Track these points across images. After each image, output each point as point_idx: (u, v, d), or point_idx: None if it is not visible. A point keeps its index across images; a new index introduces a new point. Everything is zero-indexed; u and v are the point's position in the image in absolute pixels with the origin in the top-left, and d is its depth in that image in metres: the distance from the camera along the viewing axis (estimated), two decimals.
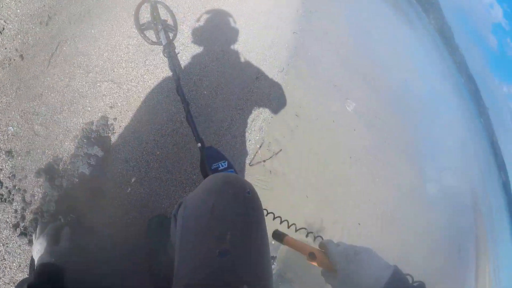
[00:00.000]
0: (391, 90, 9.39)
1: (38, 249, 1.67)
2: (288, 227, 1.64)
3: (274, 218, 1.68)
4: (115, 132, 2.59)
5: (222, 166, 2.05)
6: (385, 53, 11.36)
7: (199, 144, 2.31)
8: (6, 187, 1.98)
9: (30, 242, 1.93)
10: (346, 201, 5.03)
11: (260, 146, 3.79)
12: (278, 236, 1.42)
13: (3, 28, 2.32)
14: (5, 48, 2.27)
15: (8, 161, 2.04)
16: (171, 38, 3.33)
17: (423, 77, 16.14)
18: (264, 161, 3.74)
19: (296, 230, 1.65)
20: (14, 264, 1.92)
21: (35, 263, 1.63)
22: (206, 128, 3.24)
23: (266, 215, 1.35)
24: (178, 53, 3.38)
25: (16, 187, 2.01)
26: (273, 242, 3.17)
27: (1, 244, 1.90)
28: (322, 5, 7.63)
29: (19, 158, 2.09)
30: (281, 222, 1.68)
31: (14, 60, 2.28)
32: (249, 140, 3.68)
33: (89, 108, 2.51)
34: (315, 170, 4.58)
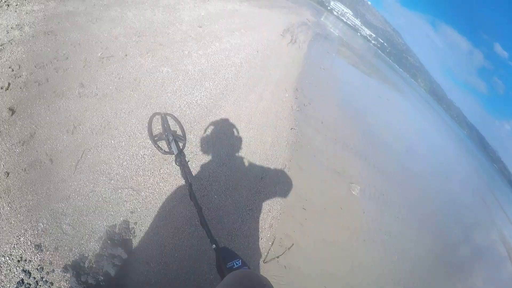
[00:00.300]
0: (395, 165, 9.56)
1: None
2: None
3: None
4: (136, 235, 2.69)
5: (237, 264, 2.08)
6: (383, 128, 11.97)
7: (214, 245, 2.37)
8: (34, 278, 1.99)
9: None
10: (369, 286, 4.72)
11: (272, 243, 3.77)
12: None
13: (35, 133, 2.64)
14: (37, 152, 2.55)
15: (37, 254, 2.10)
16: (181, 147, 3.61)
17: (425, 142, 16.58)
18: (277, 257, 3.68)
19: None
20: None
21: None
22: (219, 230, 3.32)
23: None
24: (188, 161, 3.62)
25: (44, 279, 2.02)
26: None
27: None
28: (314, 97, 8.45)
29: (47, 252, 2.15)
30: None
31: (45, 163, 2.53)
32: (261, 238, 3.70)
33: (112, 213, 2.65)
34: (331, 259, 4.43)
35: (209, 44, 6.42)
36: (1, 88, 2.88)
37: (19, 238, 2.10)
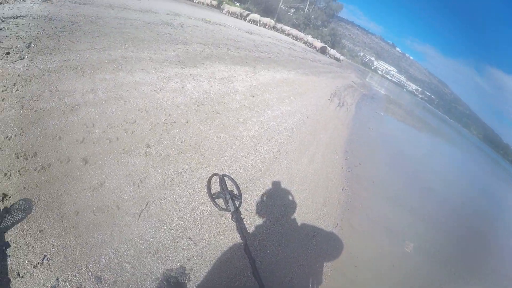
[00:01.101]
0: (451, 220, 8.65)
1: None
2: None
3: None
4: (191, 280, 2.68)
5: None
6: (436, 182, 11.15)
7: None
8: None
9: None
10: None
11: None
12: None
13: (104, 182, 2.90)
14: (105, 197, 2.79)
15: (97, 285, 2.19)
16: (237, 205, 3.61)
17: (483, 194, 14.99)
18: None
19: None
20: None
21: None
22: (271, 282, 3.25)
23: None
24: (244, 218, 3.62)
25: None
26: None
27: None
28: (363, 157, 8.26)
29: (106, 285, 2.23)
30: None
31: (112, 208, 2.74)
32: None
33: (170, 258, 2.70)
34: None
35: (261, 112, 6.73)
36: (77, 141, 3.24)
37: (81, 268, 2.21)
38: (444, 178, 13.22)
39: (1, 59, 4.11)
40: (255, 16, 33.76)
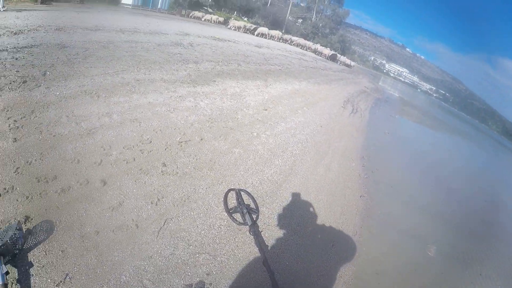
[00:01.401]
0: (474, 219, 8.36)
1: None
2: None
3: None
4: None
5: None
6: (456, 182, 10.81)
7: None
8: None
9: None
10: None
11: None
12: None
13: (123, 202, 3.02)
14: (124, 217, 2.88)
15: None
16: (254, 219, 3.64)
17: (507, 191, 14.44)
18: None
19: None
20: None
21: None
22: None
23: None
24: (262, 231, 3.64)
25: None
26: None
27: None
28: (381, 162, 8.14)
29: None
30: None
31: (131, 227, 2.82)
32: None
33: (189, 273, 2.73)
34: None
35: (275, 124, 6.79)
36: (95, 163, 3.38)
37: (103, 286, 2.27)
38: (465, 177, 12.89)
39: (19, 88, 4.33)
40: (263, 29, 34.16)
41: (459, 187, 10.82)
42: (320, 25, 58.94)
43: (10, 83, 4.41)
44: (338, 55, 39.87)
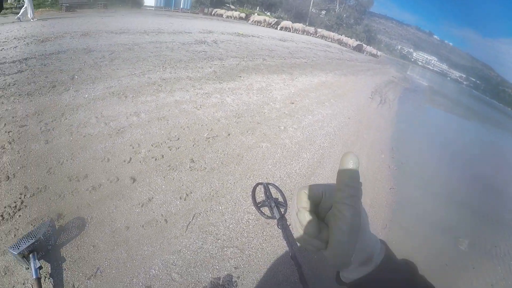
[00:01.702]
0: (508, 212, 7.95)
1: None
2: None
3: None
4: None
5: None
6: (490, 174, 10.25)
7: None
8: None
9: None
10: None
11: None
12: None
13: (152, 198, 3.06)
14: (153, 212, 2.93)
15: None
16: (283, 212, 3.60)
17: None
18: None
19: None
20: None
21: None
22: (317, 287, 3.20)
23: None
24: (290, 225, 3.56)
25: None
26: None
27: None
28: (411, 153, 7.88)
29: None
30: None
31: (160, 222, 2.85)
32: None
33: (217, 267, 2.75)
34: None
35: (302, 117, 6.70)
36: (124, 161, 3.44)
37: (132, 279, 2.31)
38: (498, 168, 12.28)
39: (49, 92, 4.48)
40: (287, 23, 33.83)
41: (493, 177, 10.32)
42: (344, 15, 57.85)
43: (40, 88, 4.59)
44: (363, 45, 39.00)
